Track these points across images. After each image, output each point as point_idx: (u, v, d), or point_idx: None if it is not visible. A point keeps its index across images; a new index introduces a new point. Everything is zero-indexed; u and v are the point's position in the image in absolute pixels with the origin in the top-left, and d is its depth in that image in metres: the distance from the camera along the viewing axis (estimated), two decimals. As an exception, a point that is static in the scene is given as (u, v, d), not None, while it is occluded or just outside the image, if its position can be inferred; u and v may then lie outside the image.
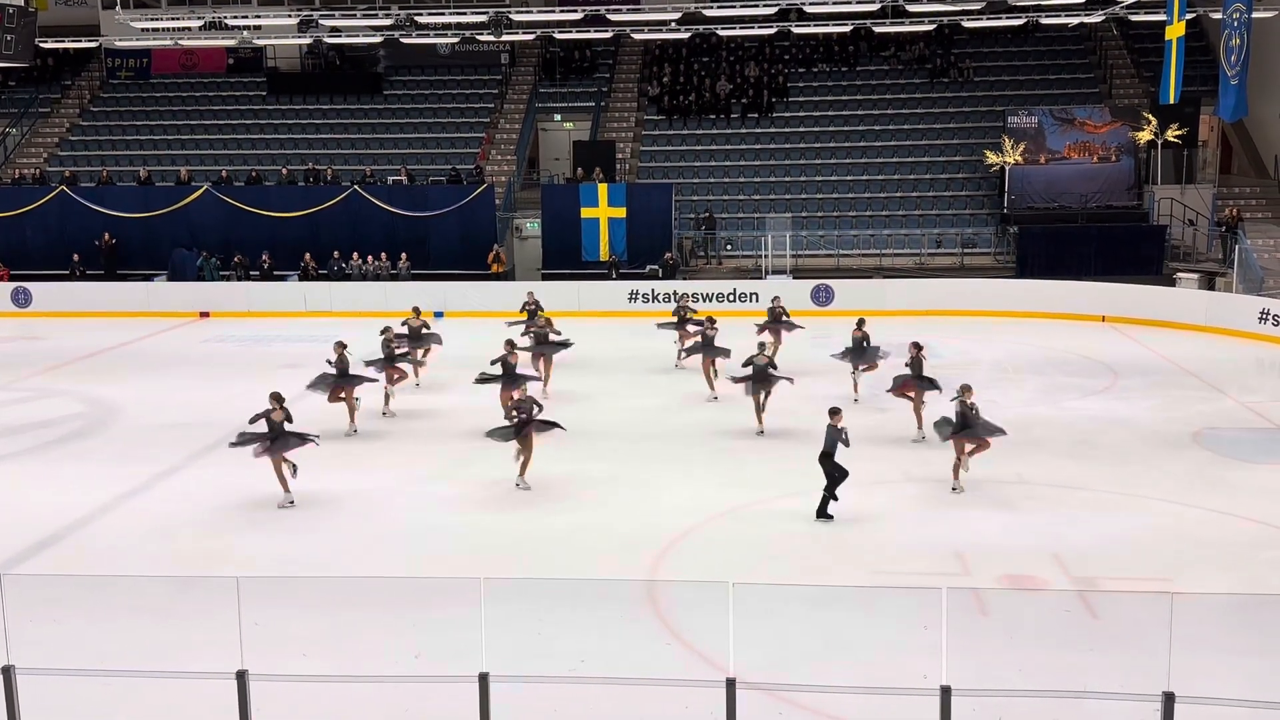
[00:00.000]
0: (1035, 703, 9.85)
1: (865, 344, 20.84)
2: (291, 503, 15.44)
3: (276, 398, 15.65)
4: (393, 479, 16.97)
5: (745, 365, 19.17)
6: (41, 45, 34.75)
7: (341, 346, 19.26)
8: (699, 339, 22.05)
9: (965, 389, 15.83)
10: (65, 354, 27.03)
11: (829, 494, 14.68)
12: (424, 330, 22.68)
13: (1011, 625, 11.86)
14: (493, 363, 19.41)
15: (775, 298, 24.80)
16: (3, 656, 8.90)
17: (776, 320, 23.65)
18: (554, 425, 16.45)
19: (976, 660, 10.51)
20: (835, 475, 14.59)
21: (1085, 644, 11.26)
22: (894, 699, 9.61)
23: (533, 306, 24.53)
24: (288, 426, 15.59)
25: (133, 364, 26.11)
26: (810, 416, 19.69)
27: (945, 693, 8.45)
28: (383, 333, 20.83)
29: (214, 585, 11.36)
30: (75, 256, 34.21)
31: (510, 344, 19.54)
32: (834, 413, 14.75)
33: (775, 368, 19.68)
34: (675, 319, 24.14)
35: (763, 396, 19.04)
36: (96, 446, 19.20)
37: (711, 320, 21.99)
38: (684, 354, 23.67)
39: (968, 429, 15.68)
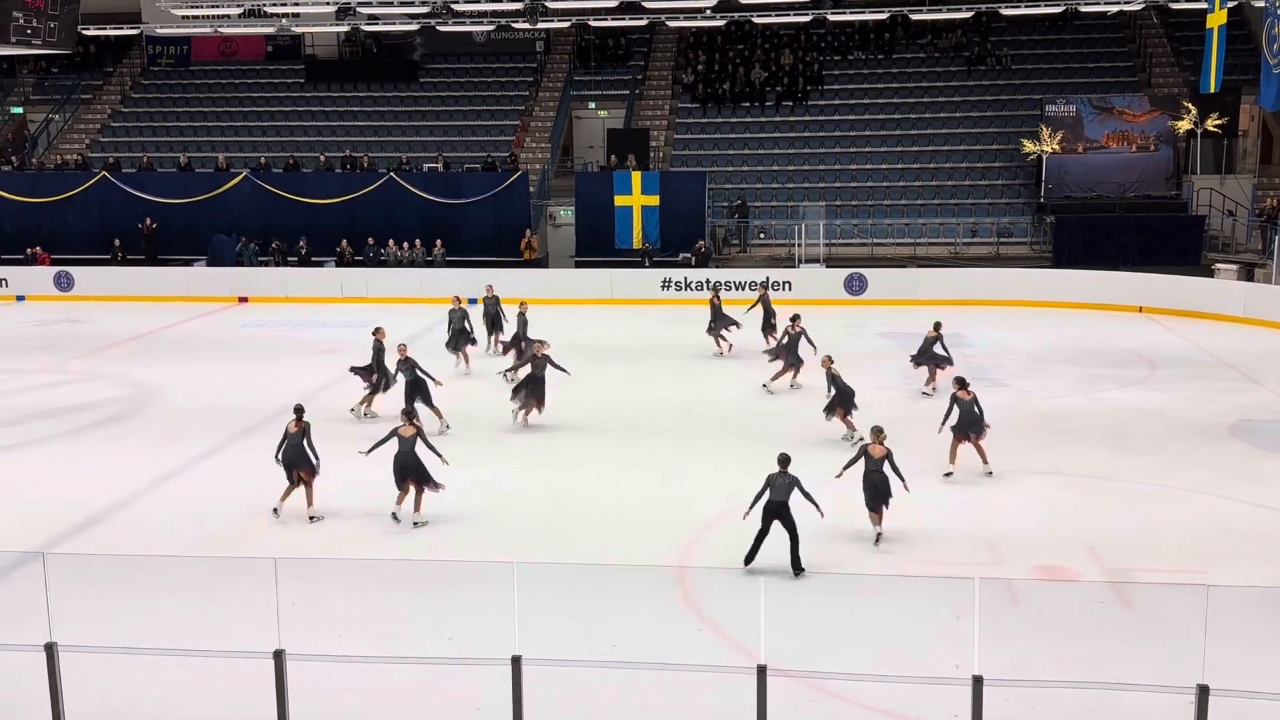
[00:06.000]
0: (1068, 694, 9.79)
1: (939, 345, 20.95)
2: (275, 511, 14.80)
3: (297, 410, 15.00)
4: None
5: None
6: (83, 32, 35.03)
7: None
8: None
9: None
10: (106, 338, 27.33)
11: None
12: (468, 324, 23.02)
13: (1044, 616, 11.78)
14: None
15: (764, 281, 25.34)
16: (45, 634, 9.02)
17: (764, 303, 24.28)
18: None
19: (1009, 651, 10.45)
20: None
21: (1119, 636, 11.17)
22: (926, 688, 9.58)
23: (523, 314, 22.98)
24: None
25: (173, 348, 26.36)
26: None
27: (977, 683, 8.40)
28: (374, 333, 19.83)
29: (252, 566, 11.47)
30: (116, 241, 34.55)
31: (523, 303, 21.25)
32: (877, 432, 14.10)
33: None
34: (712, 311, 24.14)
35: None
36: (137, 429, 19.40)
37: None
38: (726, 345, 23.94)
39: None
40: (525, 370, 19.03)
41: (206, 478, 16.66)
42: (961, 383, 16.40)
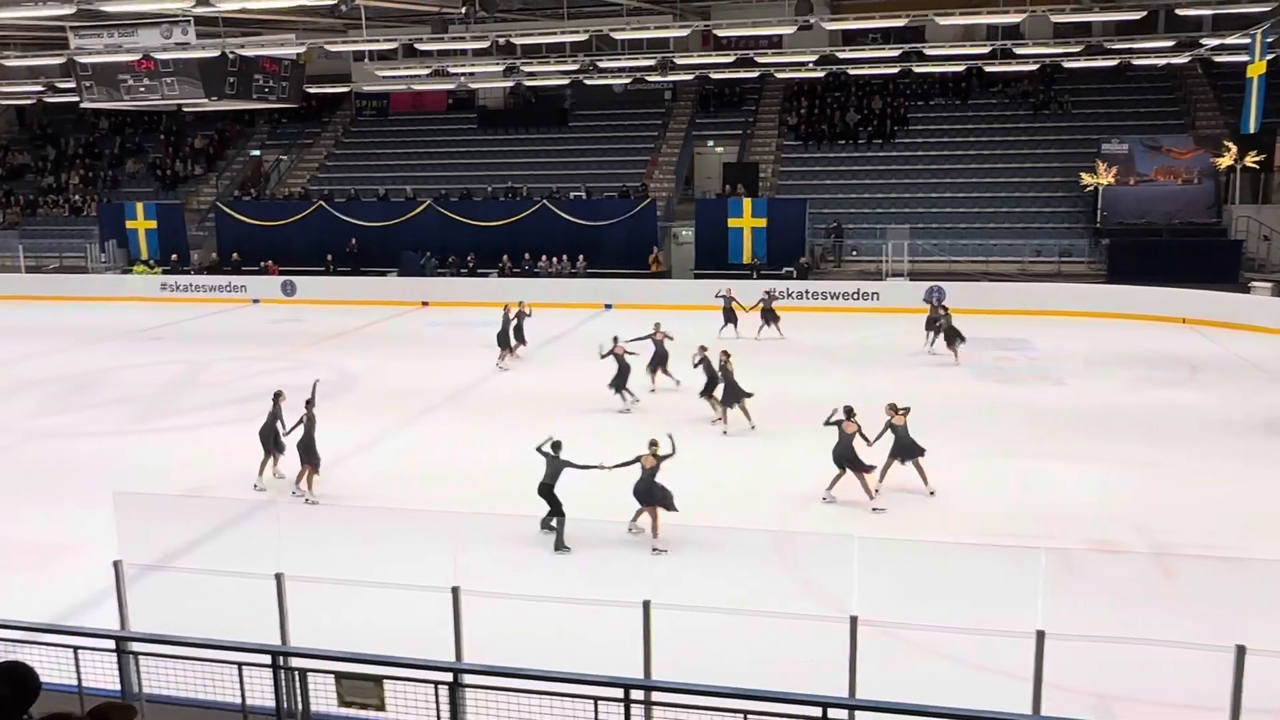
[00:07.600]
0: (1118, 649, 9.41)
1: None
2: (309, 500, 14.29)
3: (277, 396, 14.96)
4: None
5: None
6: (307, 90, 36.29)
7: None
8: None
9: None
10: (320, 333, 28.28)
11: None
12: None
13: (1097, 582, 11.35)
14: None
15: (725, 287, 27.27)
16: (275, 565, 9.37)
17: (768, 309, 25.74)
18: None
19: (1067, 611, 10.07)
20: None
21: (1162, 600, 10.72)
22: (995, 640, 9.31)
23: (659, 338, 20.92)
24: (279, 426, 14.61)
25: (371, 341, 27.15)
26: (917, 403, 19.21)
27: (1040, 636, 8.13)
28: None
29: (433, 518, 11.75)
30: (329, 256, 35.74)
31: (657, 325, 20.26)
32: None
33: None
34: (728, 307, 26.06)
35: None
36: (343, 406, 19.84)
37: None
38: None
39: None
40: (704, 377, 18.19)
41: (396, 446, 17.11)
42: (894, 408, 14.03)
